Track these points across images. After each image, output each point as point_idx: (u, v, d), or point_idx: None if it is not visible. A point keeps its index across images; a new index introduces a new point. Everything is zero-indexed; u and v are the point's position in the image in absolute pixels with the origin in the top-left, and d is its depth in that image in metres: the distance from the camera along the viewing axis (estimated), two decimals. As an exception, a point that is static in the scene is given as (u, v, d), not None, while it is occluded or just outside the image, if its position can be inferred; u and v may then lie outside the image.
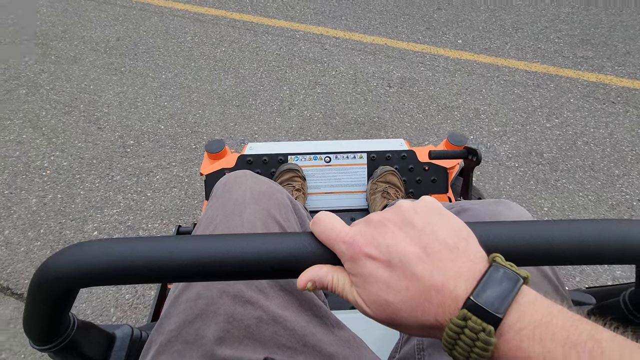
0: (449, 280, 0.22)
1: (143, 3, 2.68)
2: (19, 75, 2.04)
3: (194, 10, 2.61)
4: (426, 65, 2.15)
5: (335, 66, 2.14)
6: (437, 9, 2.67)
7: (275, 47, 2.29)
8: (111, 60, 2.16)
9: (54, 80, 2.01)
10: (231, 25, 2.48)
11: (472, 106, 1.88)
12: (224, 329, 0.35)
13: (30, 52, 2.20)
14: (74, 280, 0.25)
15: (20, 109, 1.84)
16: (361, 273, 0.24)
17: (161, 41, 2.32)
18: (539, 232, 0.25)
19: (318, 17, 2.56)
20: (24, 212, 1.40)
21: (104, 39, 2.32)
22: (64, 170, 1.55)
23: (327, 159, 0.94)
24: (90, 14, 2.55)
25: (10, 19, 2.49)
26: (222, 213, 0.44)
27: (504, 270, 0.21)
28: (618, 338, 0.19)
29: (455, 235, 0.24)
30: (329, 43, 2.32)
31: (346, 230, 0.25)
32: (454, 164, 0.94)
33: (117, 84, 2.00)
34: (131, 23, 2.48)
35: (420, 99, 1.93)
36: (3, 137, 1.69)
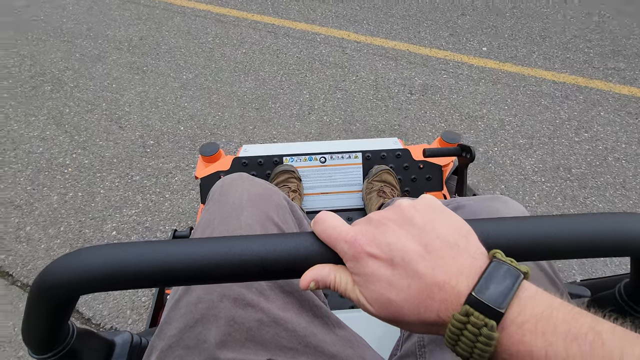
0: (450, 277, 0.22)
1: (166, 3, 2.70)
2: (45, 71, 2.08)
3: (216, 11, 2.62)
4: (449, 72, 2.11)
5: (355, 71, 2.11)
6: (461, 14, 2.62)
7: (295, 50, 2.27)
8: (134, 59, 2.18)
9: (77, 77, 2.04)
10: (252, 27, 2.47)
11: (497, 116, 1.83)
12: (225, 333, 0.35)
13: (56, 49, 2.24)
14: (74, 287, 0.24)
15: (45, 105, 1.87)
16: (363, 272, 0.24)
17: (183, 41, 2.33)
18: (537, 227, 0.26)
19: (339, 21, 2.54)
20: (45, 209, 1.41)
21: (127, 38, 2.35)
22: (85, 168, 1.57)
23: (322, 159, 0.94)
24: (114, 13, 2.59)
25: (37, 16, 2.55)
26: (219, 216, 0.43)
27: (504, 266, 0.22)
28: (618, 329, 0.19)
29: (455, 232, 0.24)
30: (350, 47, 2.30)
31: (347, 230, 0.25)
32: (448, 162, 0.94)
33: (139, 83, 2.01)
34: (154, 22, 2.50)
35: (442, 107, 1.88)
36: (28, 133, 1.72)
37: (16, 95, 1.92)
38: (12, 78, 2.03)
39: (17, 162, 1.59)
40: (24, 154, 1.62)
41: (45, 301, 0.25)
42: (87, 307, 1.16)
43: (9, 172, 1.55)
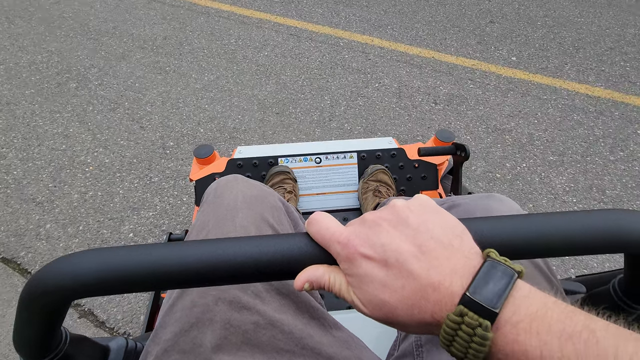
0: (444, 278, 0.22)
1: (190, 3, 2.72)
2: (71, 68, 2.11)
3: (240, 13, 2.62)
4: (476, 82, 2.04)
5: (378, 78, 2.07)
6: (490, 22, 2.53)
7: (318, 54, 2.24)
8: (157, 59, 2.19)
9: (102, 76, 2.06)
10: (275, 29, 2.46)
11: (526, 130, 1.75)
12: (221, 336, 0.35)
13: (82, 47, 2.28)
14: (65, 292, 0.24)
15: (70, 102, 1.89)
16: (357, 273, 0.24)
17: (206, 42, 2.33)
18: (531, 225, 0.26)
19: (363, 25, 2.49)
20: (65, 207, 1.42)
21: (152, 37, 2.37)
22: (106, 168, 1.58)
23: (318, 159, 0.94)
24: (140, 12, 2.61)
25: (66, 13, 2.60)
26: (214, 219, 0.43)
27: (498, 265, 0.22)
28: (611, 327, 0.19)
29: (449, 232, 0.24)
30: (374, 53, 2.25)
31: (341, 231, 0.25)
32: (443, 161, 0.94)
33: (162, 83, 2.02)
34: (178, 22, 2.51)
35: (468, 118, 1.82)
36: (52, 130, 1.74)
37: (42, 91, 1.95)
38: (39, 74, 2.07)
39: (41, 159, 1.61)
40: (47, 150, 1.64)
41: (36, 307, 0.24)
42: (102, 309, 1.16)
43: (32, 167, 1.57)
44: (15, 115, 1.82)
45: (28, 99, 1.91)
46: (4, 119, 1.79)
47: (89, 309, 1.16)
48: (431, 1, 2.76)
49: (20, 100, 1.90)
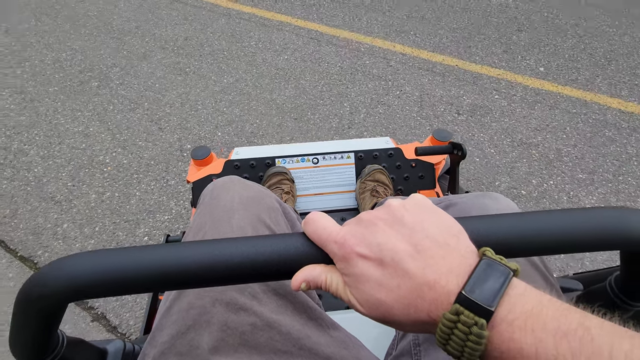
0: (440, 277, 0.22)
1: (212, 4, 2.72)
2: (93, 67, 2.14)
3: (261, 15, 2.61)
4: (501, 93, 1.97)
5: (400, 85, 2.02)
6: (517, 30, 2.45)
7: (338, 59, 2.21)
8: (178, 59, 2.19)
9: (123, 75, 2.08)
10: (295, 32, 2.44)
11: (554, 145, 1.68)
12: (218, 338, 0.35)
13: (105, 46, 2.30)
14: (63, 294, 0.24)
15: (91, 101, 1.91)
16: (353, 273, 0.24)
17: (226, 44, 2.33)
18: (526, 223, 0.26)
19: (385, 31, 2.45)
20: (83, 207, 1.43)
21: (173, 38, 2.38)
22: (124, 168, 1.58)
23: (315, 160, 0.95)
24: (162, 12, 2.63)
25: (91, 11, 2.64)
26: (210, 220, 0.43)
27: (494, 264, 0.22)
28: (606, 324, 0.19)
29: (445, 231, 0.24)
30: (395, 59, 2.21)
31: (337, 230, 0.25)
32: (440, 160, 0.95)
33: (181, 84, 2.02)
34: (199, 23, 2.52)
35: (492, 131, 1.75)
36: (73, 128, 1.76)
37: (65, 89, 1.98)
38: (63, 72, 2.10)
39: (61, 157, 1.62)
40: (67, 148, 1.66)
41: (32, 310, 0.24)
42: (115, 314, 1.15)
43: (53, 165, 1.58)
44: (38, 112, 1.84)
45: (51, 96, 1.94)
46: (27, 115, 1.82)
47: (101, 312, 1.15)
48: (455, 7, 2.70)
49: (44, 98, 1.93)
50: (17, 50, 2.25)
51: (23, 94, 1.95)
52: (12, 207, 1.42)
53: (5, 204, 1.43)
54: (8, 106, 1.87)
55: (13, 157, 1.62)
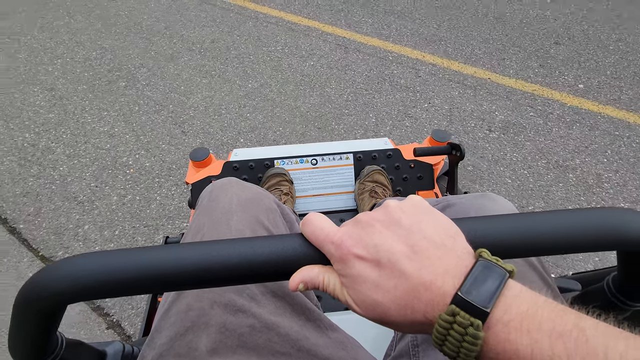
0: (436, 278, 0.22)
1: (240, 7, 2.72)
2: (122, 67, 2.16)
3: (288, 19, 2.58)
4: (537, 110, 1.87)
5: (428, 97, 1.95)
6: (555, 43, 2.33)
7: (365, 67, 2.15)
8: (203, 62, 2.19)
9: (150, 76, 2.09)
10: (322, 38, 2.40)
11: (593, 170, 1.57)
12: (216, 340, 0.35)
13: (134, 45, 2.33)
14: (62, 295, 0.24)
15: (118, 101, 1.93)
16: (350, 274, 0.24)
17: (252, 48, 2.31)
18: (522, 224, 0.26)
19: (415, 39, 2.38)
20: (104, 209, 1.43)
21: (200, 40, 2.38)
22: (146, 171, 1.57)
23: (314, 161, 0.95)
24: (191, 13, 2.65)
25: (122, 10, 2.68)
26: (209, 222, 0.43)
27: (490, 265, 0.22)
28: (601, 325, 0.19)
29: (442, 232, 0.24)
30: (424, 70, 2.13)
31: (335, 231, 0.25)
32: (438, 160, 0.95)
33: (206, 87, 2.02)
34: (227, 26, 2.51)
35: (526, 150, 1.66)
36: (99, 128, 1.77)
37: (94, 88, 2.00)
38: (92, 70, 2.13)
39: (86, 156, 1.64)
40: (92, 148, 1.67)
41: (31, 312, 0.24)
42: (130, 322, 1.13)
43: (77, 165, 1.60)
44: (66, 110, 1.87)
45: (80, 94, 1.96)
46: (56, 113, 1.85)
47: (117, 320, 1.14)
48: (489, 17, 2.60)
49: (72, 96, 1.96)
50: (51, 48, 2.30)
51: (53, 91, 1.99)
52: (36, 205, 1.44)
53: (30, 202, 1.45)
54: (39, 103, 1.91)
55: (40, 155, 1.64)
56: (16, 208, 1.43)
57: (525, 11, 2.66)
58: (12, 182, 1.52)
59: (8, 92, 1.97)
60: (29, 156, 1.63)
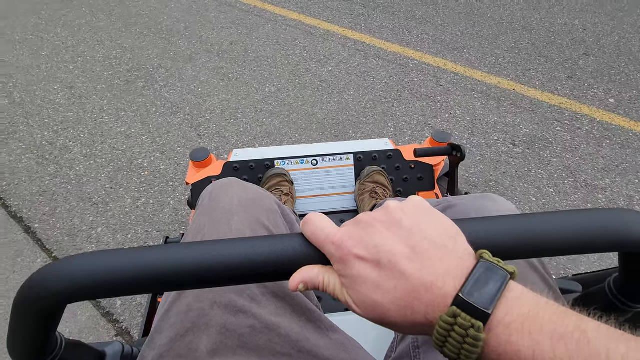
0: (437, 279, 0.22)
1: (260, 9, 2.70)
2: (140, 67, 2.16)
3: (307, 22, 2.55)
4: (564, 124, 1.79)
5: (449, 107, 1.89)
6: (584, 54, 2.24)
7: (385, 74, 2.11)
8: (221, 64, 2.18)
9: (168, 77, 2.09)
10: (342, 43, 2.36)
11: (624, 191, 1.49)
12: (216, 341, 0.35)
13: (154, 46, 2.33)
14: (62, 295, 0.24)
15: (135, 101, 1.93)
16: (350, 274, 0.24)
17: (271, 51, 2.29)
18: (523, 225, 0.26)
19: (436, 46, 2.32)
20: (118, 212, 1.42)
21: (219, 41, 2.37)
22: (160, 175, 1.56)
23: (314, 161, 0.94)
24: (211, 14, 2.64)
25: (143, 10, 2.69)
26: (209, 222, 0.43)
27: (491, 267, 0.22)
28: (603, 327, 0.19)
29: (443, 233, 0.24)
30: (446, 78, 2.07)
31: (335, 231, 0.25)
32: (439, 161, 0.94)
33: (223, 90, 2.00)
34: (246, 28, 2.50)
35: (552, 167, 1.59)
36: (116, 128, 1.78)
37: (112, 88, 2.01)
38: (112, 70, 2.14)
39: (102, 157, 1.64)
40: (109, 149, 1.67)
41: (31, 312, 0.24)
42: (139, 330, 1.12)
43: (94, 165, 1.60)
44: (85, 109, 1.88)
45: (99, 93, 1.97)
46: (75, 112, 1.86)
47: (126, 327, 1.13)
48: (515, 25, 2.51)
49: (91, 95, 1.97)
50: (72, 46, 2.32)
51: (73, 89, 2.00)
52: (52, 204, 1.44)
53: (46, 201, 1.45)
54: (58, 101, 1.92)
55: (58, 153, 1.65)
56: (32, 207, 1.43)
57: (553, 19, 2.56)
58: (29, 180, 1.53)
59: (30, 89, 1.99)
60: (46, 154, 1.64)
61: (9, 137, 1.72)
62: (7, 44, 2.33)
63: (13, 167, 1.58)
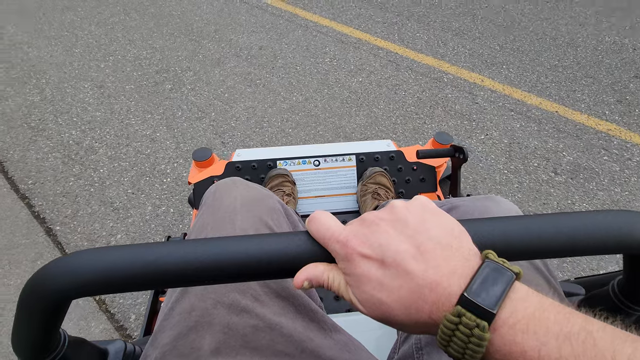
0: (442, 278, 0.22)
1: (291, 13, 2.66)
2: (169, 68, 2.16)
3: (338, 29, 2.49)
4: (612, 154, 1.65)
5: (485, 128, 1.78)
6: (635, 76, 2.08)
7: (417, 88, 2.02)
8: (249, 69, 2.15)
9: (196, 80, 2.07)
10: (373, 52, 2.28)
11: (681, 234, 1.35)
12: (219, 340, 0.35)
13: (183, 47, 2.32)
14: (66, 292, 0.24)
15: (162, 104, 1.92)
16: (355, 272, 0.24)
17: (300, 58, 2.24)
18: (528, 226, 0.26)
19: (473, 61, 2.21)
20: (138, 219, 1.40)
21: (248, 46, 2.34)
22: (182, 182, 1.53)
23: (316, 162, 0.94)
24: (242, 17, 2.62)
25: (175, 10, 2.70)
26: (213, 221, 0.43)
27: (496, 267, 0.22)
28: (608, 328, 0.19)
29: (448, 233, 0.24)
30: (482, 96, 1.96)
31: (340, 230, 0.25)
32: (441, 163, 0.95)
33: (250, 97, 1.96)
34: (276, 33, 2.46)
35: (598, 201, 1.46)
36: (141, 131, 1.76)
37: (141, 89, 2.01)
38: (141, 70, 2.14)
39: (126, 160, 1.62)
40: (133, 152, 1.66)
41: (35, 308, 0.24)
42: (151, 349, 1.08)
43: (117, 168, 1.59)
44: (113, 109, 1.88)
45: (127, 94, 1.97)
46: (103, 112, 1.87)
47: (138, 344, 1.09)
48: (559, 41, 2.37)
49: (120, 95, 1.97)
50: (105, 44, 2.35)
51: (102, 88, 2.01)
52: (74, 207, 1.44)
53: (68, 203, 1.45)
54: (87, 100, 1.93)
55: (83, 154, 1.65)
56: (55, 208, 1.43)
57: (600, 37, 2.40)
58: (54, 180, 1.53)
59: (61, 86, 2.01)
60: (72, 154, 1.64)
61: (38, 134, 1.74)
62: (43, 40, 2.37)
63: (39, 166, 1.59)
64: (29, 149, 1.66)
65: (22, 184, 1.52)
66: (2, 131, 1.75)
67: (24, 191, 1.49)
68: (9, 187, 1.50)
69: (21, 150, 1.66)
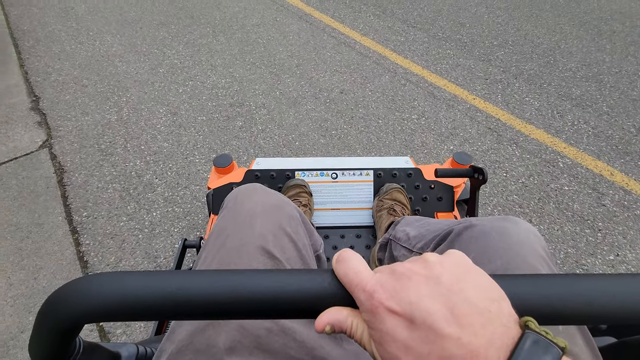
0: (479, 349, 0.19)
1: (380, 54, 2.44)
2: (244, 102, 2.05)
3: (431, 80, 2.20)
4: None
5: (617, 243, 1.36)
6: None
7: (523, 170, 1.65)
8: (327, 116, 1.95)
9: (268, 120, 1.92)
10: (470, 115, 1.96)
11: None
12: (234, 339, 0.36)
13: (262, 80, 2.21)
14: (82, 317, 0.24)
15: (229, 144, 1.79)
16: (379, 328, 0.22)
17: (383, 110, 1.99)
18: (573, 288, 0.24)
19: (599, 144, 1.78)
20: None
21: (329, 87, 2.16)
22: (233, 247, 1.35)
23: (334, 175, 0.95)
24: (327, 53, 2.46)
25: (261, 38, 2.63)
26: (233, 224, 0.45)
27: (539, 340, 0.20)
28: None
29: (486, 295, 0.22)
30: (611, 196, 1.54)
31: (368, 277, 0.24)
32: (459, 183, 0.93)
33: (322, 149, 1.76)
34: (360, 75, 2.25)
35: None
36: (202, 173, 1.64)
37: (211, 122, 1.91)
38: (217, 100, 2.06)
39: (181, 206, 1.50)
40: (190, 197, 1.53)
41: (51, 327, 0.25)
42: None
43: (170, 215, 1.46)
44: (180, 141, 1.80)
45: (197, 126, 1.89)
46: (170, 142, 1.79)
47: None
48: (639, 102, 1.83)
49: (190, 126, 1.89)
50: (187, 67, 2.33)
51: (175, 116, 1.95)
52: (118, 254, 1.32)
53: (114, 249, 1.34)
54: (159, 127, 1.88)
55: (142, 190, 1.56)
56: (100, 252, 1.33)
57: None
58: (107, 216, 1.45)
59: (139, 107, 2.00)
60: (131, 188, 1.56)
61: (105, 159, 1.70)
62: (134, 55, 2.43)
63: (98, 197, 1.52)
64: (93, 174, 1.62)
65: (77, 214, 1.45)
66: (74, 149, 1.74)
67: (77, 224, 1.42)
68: (64, 217, 1.44)
69: (86, 174, 1.62)
